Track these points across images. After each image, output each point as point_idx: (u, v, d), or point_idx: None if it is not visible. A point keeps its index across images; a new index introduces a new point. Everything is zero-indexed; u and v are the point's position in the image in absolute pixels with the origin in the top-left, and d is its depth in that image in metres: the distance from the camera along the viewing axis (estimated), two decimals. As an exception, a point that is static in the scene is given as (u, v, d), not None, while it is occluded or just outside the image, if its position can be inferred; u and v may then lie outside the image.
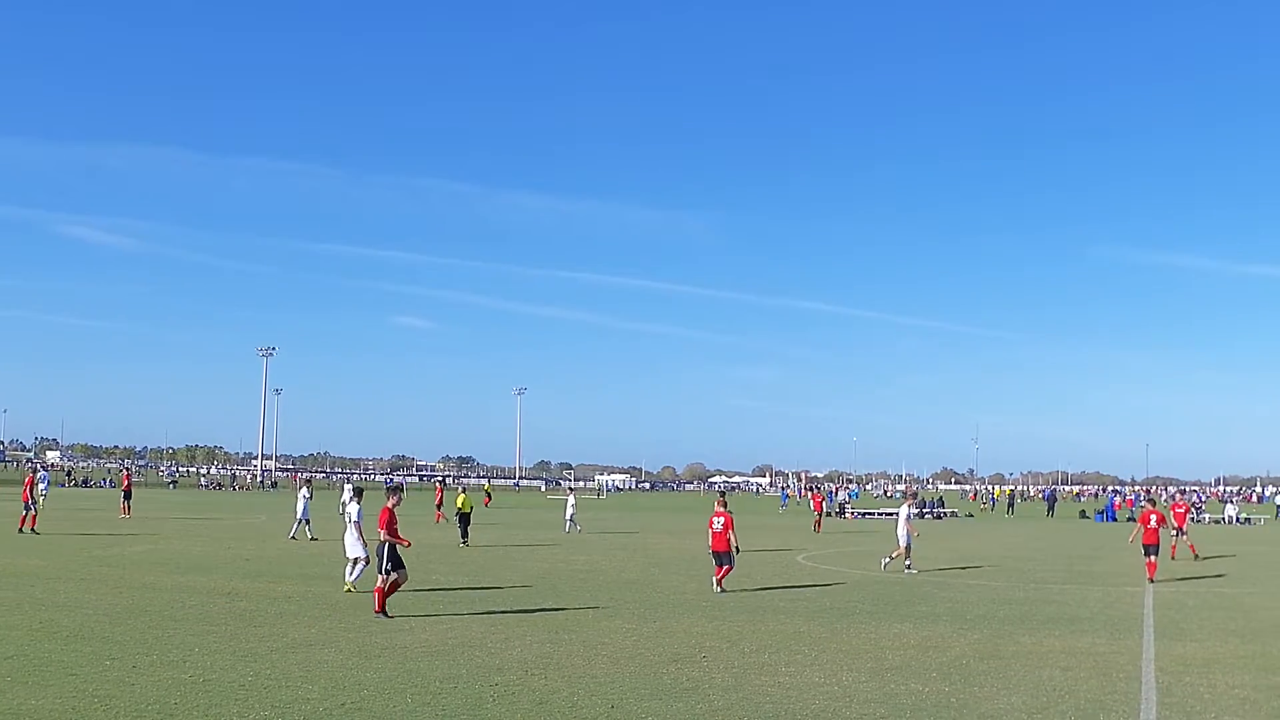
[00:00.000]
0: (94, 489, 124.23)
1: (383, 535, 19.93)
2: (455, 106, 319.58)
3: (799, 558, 37.36)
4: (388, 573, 19.87)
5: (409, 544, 20.37)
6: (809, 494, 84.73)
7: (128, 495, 55.61)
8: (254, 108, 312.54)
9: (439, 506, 59.16)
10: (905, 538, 31.12)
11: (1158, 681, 14.96)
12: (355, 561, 23.94)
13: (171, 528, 46.41)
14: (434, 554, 35.32)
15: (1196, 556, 31.23)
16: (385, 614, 19.42)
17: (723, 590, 24.66)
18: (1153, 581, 29.07)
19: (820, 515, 62.25)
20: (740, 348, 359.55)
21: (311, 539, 39.21)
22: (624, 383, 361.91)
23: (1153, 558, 30.03)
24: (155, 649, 15.83)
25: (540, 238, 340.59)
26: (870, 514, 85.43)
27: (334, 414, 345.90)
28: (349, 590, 23.20)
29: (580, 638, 17.82)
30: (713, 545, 25.41)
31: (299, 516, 40.96)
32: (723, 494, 27.58)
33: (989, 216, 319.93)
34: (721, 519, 25.12)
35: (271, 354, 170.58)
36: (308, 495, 41.82)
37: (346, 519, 24.82)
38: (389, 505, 20.51)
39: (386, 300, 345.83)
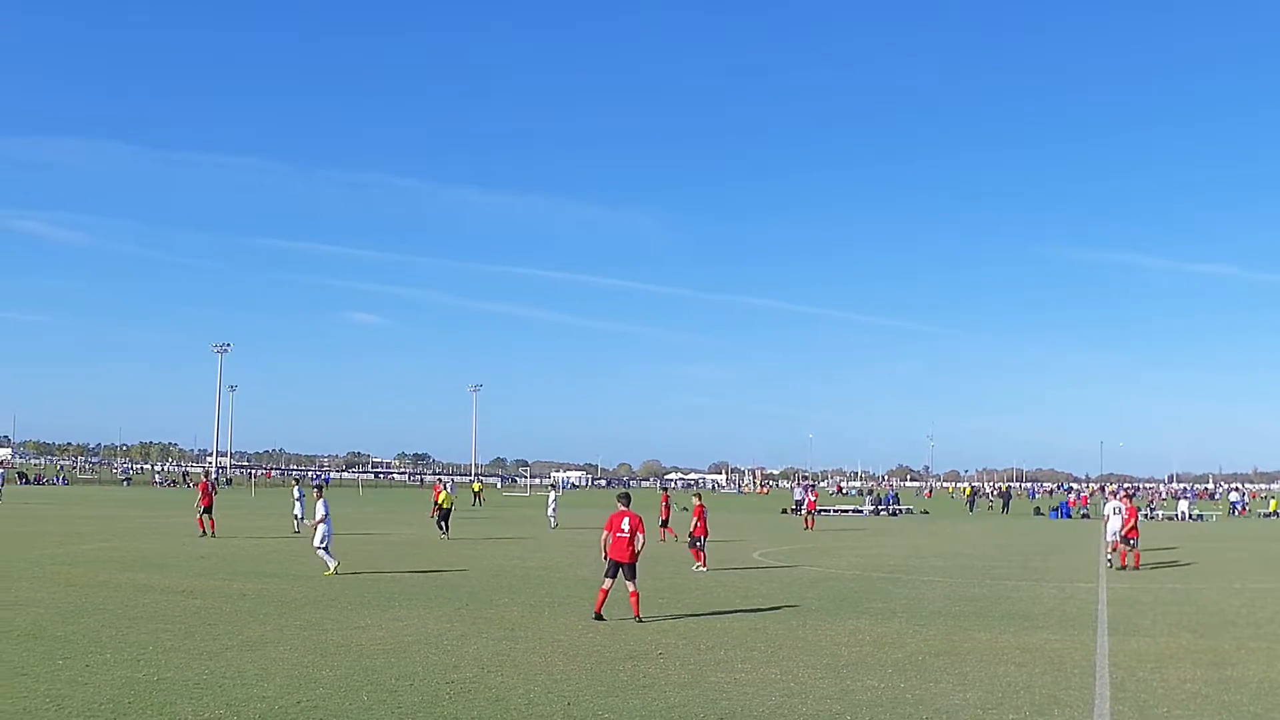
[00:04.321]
0: (46, 486, 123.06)
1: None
2: (405, 103, 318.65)
3: (755, 554, 37.43)
4: None
5: None
6: (761, 488, 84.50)
7: (208, 509, 40.39)
8: (204, 104, 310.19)
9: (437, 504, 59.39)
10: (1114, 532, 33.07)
11: (1111, 676, 15.05)
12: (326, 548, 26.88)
13: (125, 526, 46.06)
14: (390, 551, 35.22)
15: (1136, 567, 31.29)
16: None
17: (640, 620, 19.38)
18: (1124, 568, 31.50)
19: (814, 514, 61.24)
20: (695, 345, 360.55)
21: (295, 532, 40.42)
22: (580, 379, 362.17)
23: (1127, 546, 32.34)
24: (109, 648, 15.71)
25: (493, 234, 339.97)
26: (826, 511, 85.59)
27: (289, 411, 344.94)
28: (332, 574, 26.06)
29: (537, 635, 17.80)
30: (611, 552, 19.75)
31: (297, 514, 42.92)
32: (625, 495, 20.85)
33: (941, 215, 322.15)
34: (629, 520, 19.76)
35: (226, 350, 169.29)
36: (300, 495, 43.84)
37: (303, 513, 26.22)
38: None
39: (340, 297, 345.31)
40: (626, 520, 19.70)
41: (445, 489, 44.10)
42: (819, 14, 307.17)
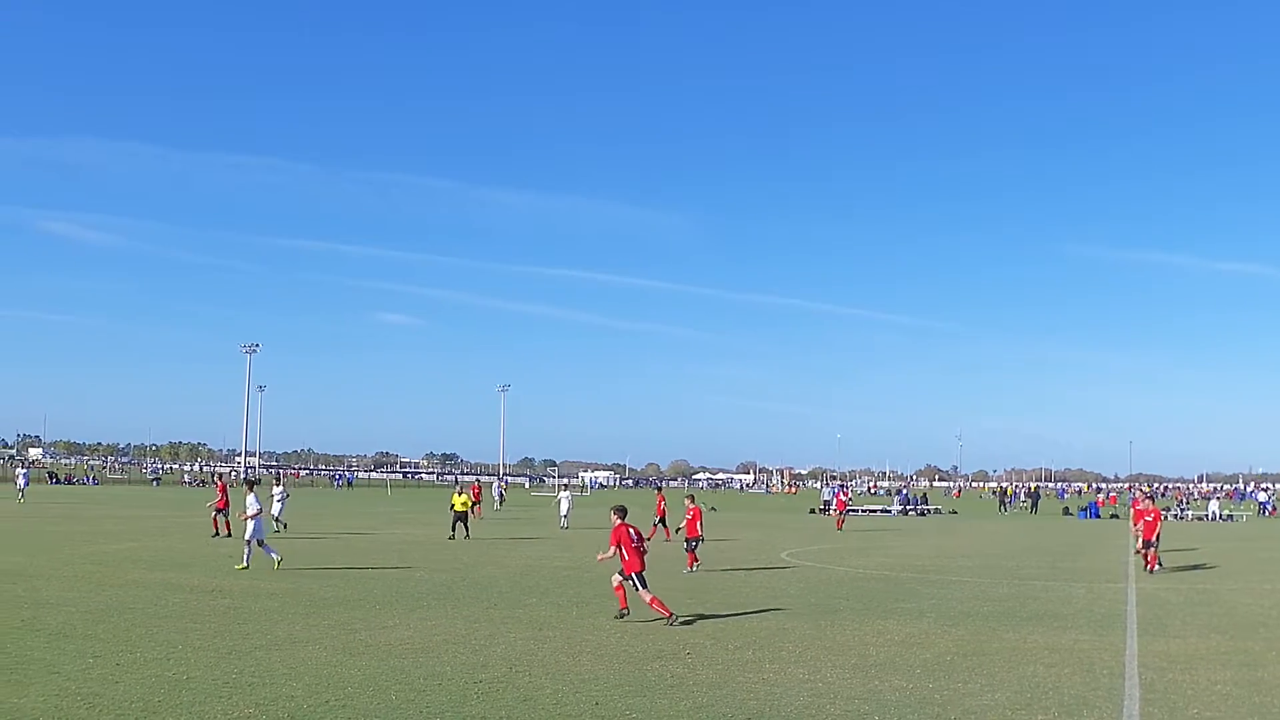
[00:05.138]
0: (76, 486, 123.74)
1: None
2: (434, 103, 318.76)
3: (783, 554, 37.39)
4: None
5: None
6: (789, 488, 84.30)
7: (223, 510, 40.04)
8: (235, 105, 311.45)
9: (478, 503, 59.73)
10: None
11: (1141, 677, 14.99)
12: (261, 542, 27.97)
13: (154, 525, 46.29)
14: (419, 550, 35.31)
15: (1153, 569, 30.80)
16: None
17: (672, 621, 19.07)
18: (1150, 572, 30.77)
19: (842, 514, 61.05)
20: (723, 345, 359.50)
21: (276, 531, 40.22)
22: (608, 379, 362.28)
23: (1151, 550, 31.56)
24: (139, 646, 15.79)
25: (521, 235, 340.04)
26: (855, 511, 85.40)
27: (318, 411, 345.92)
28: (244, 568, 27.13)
29: (564, 635, 17.82)
30: (629, 567, 19.74)
31: (275, 513, 42.55)
32: (623, 508, 20.84)
33: (968, 215, 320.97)
34: (634, 531, 20.17)
35: (255, 350, 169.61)
36: (283, 494, 44.15)
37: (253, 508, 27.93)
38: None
39: (370, 297, 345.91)
40: (633, 531, 20.05)
41: (459, 492, 43.83)
42: (844, 15, 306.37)
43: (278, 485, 45.85)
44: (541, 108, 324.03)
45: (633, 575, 19.70)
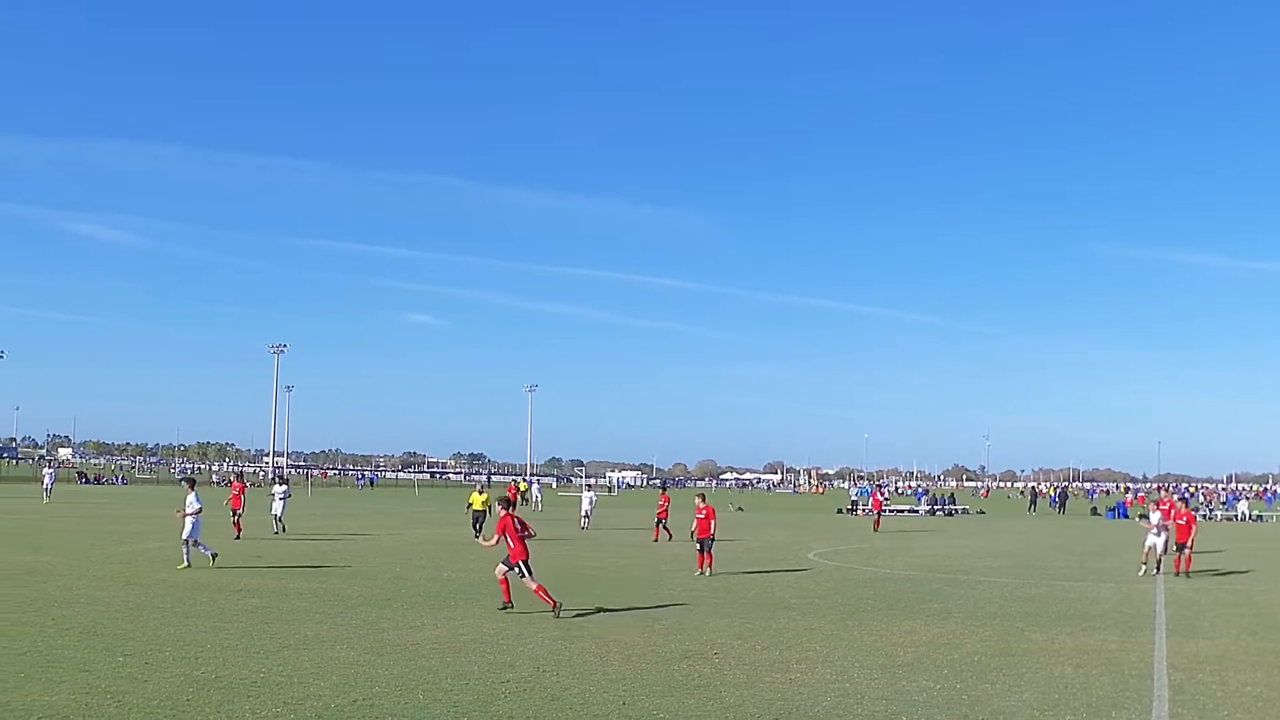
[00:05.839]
0: (105, 485, 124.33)
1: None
2: (457, 103, 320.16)
3: (811, 554, 37.34)
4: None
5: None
6: (816, 487, 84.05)
7: (238, 511, 39.18)
8: (258, 105, 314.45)
9: (514, 504, 59.38)
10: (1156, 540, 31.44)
11: (1170, 679, 14.93)
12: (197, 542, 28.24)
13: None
14: (447, 550, 35.37)
15: (1184, 574, 30.00)
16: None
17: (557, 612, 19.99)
18: (1183, 575, 29.96)
19: (879, 514, 60.73)
20: (749, 345, 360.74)
21: (275, 533, 39.91)
22: (634, 379, 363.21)
23: (1185, 552, 30.58)
24: (168, 645, 15.86)
25: (546, 234, 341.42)
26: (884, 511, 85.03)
27: (345, 411, 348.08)
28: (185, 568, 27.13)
29: (592, 635, 17.83)
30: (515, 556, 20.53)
31: (277, 513, 41.48)
32: (507, 499, 22.92)
33: (995, 214, 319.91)
34: (519, 523, 21.14)
35: (283, 351, 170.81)
36: (285, 493, 42.76)
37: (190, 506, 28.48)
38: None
39: (396, 297, 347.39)
40: (518, 521, 20.96)
41: (479, 490, 43.33)
42: (866, 14, 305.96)
43: (279, 484, 44.36)
44: (565, 108, 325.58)
45: (519, 564, 20.24)
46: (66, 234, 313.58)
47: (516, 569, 20.23)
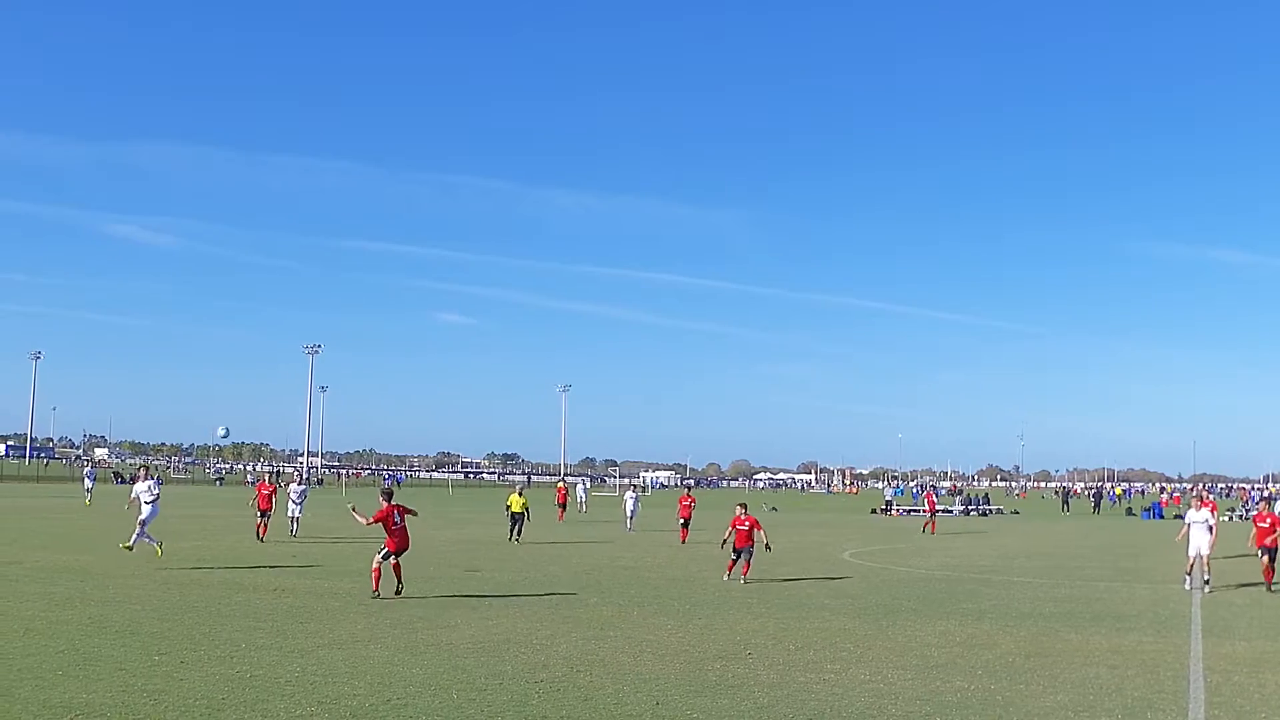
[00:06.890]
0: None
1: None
2: (492, 104, 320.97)
3: (845, 554, 37.27)
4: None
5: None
6: (850, 487, 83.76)
7: (265, 513, 37.67)
8: (293, 107, 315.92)
9: (562, 506, 60.59)
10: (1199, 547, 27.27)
11: (1206, 680, 14.85)
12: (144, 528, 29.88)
13: (218, 524, 46.71)
14: (481, 550, 35.45)
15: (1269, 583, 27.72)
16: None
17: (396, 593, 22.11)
18: (1272, 589, 26.89)
19: (933, 515, 58.62)
20: (783, 344, 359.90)
21: (292, 535, 39.24)
22: (668, 379, 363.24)
23: (1267, 559, 27.20)
24: (203, 644, 15.96)
25: (580, 235, 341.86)
26: (917, 511, 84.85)
27: (379, 411, 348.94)
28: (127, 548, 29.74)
29: (625, 635, 17.85)
30: (394, 544, 22.39)
31: (295, 515, 40.45)
32: (389, 490, 24.27)
33: (1029, 212, 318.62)
34: (399, 513, 22.73)
35: (317, 351, 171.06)
36: (302, 494, 41.97)
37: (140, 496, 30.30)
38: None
39: (430, 297, 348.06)
40: (397, 513, 22.61)
41: (519, 493, 42.52)
42: (901, 12, 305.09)
43: (296, 484, 43.30)
44: (599, 108, 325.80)
45: (391, 552, 22.24)
46: (106, 236, 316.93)
47: (384, 551, 22.27)
